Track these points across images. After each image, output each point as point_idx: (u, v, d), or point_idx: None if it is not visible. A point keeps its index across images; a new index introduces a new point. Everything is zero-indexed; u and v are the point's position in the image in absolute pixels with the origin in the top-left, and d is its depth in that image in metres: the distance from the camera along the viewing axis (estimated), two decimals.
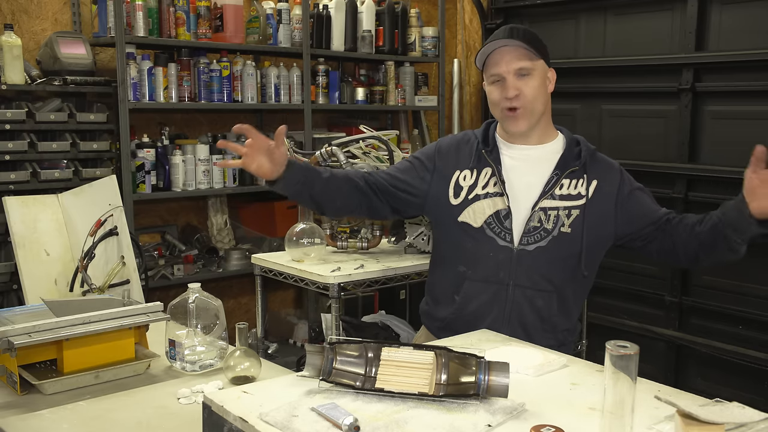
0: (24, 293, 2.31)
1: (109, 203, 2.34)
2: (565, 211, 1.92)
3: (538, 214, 1.91)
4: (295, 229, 2.73)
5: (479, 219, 1.94)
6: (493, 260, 1.93)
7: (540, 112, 1.97)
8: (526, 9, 4.48)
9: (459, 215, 1.96)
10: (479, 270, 1.94)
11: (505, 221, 1.92)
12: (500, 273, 1.92)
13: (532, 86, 1.93)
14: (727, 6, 3.57)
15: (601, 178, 1.98)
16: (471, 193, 1.96)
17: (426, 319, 2.15)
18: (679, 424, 1.13)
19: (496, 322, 1.88)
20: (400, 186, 2.05)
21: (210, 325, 1.86)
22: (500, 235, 1.92)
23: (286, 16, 4.01)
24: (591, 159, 2.00)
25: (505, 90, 1.92)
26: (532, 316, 1.93)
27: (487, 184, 1.95)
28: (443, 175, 2.01)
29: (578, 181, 1.96)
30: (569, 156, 1.99)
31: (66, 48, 3.37)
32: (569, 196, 1.94)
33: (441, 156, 2.04)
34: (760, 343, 3.48)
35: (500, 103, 1.95)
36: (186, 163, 3.72)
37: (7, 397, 1.69)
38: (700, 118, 3.69)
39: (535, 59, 1.93)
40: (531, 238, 1.91)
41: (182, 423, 1.55)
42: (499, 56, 1.92)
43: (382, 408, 1.28)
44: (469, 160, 2.00)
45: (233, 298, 4.30)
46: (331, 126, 4.68)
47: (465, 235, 1.96)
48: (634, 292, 3.99)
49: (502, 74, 1.92)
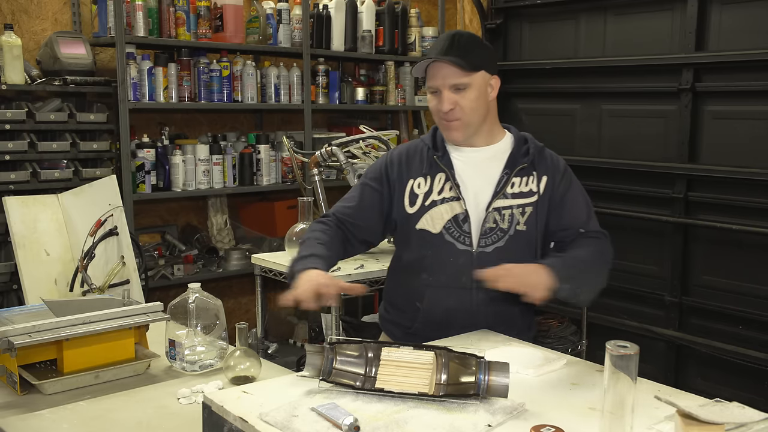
0: (24, 293, 2.31)
1: (109, 203, 2.34)
2: (519, 209, 1.92)
3: (493, 214, 1.91)
4: (295, 229, 2.73)
5: (438, 225, 1.93)
6: (454, 265, 1.92)
7: (478, 123, 1.96)
8: (526, 9, 4.48)
9: (417, 223, 1.95)
10: (441, 276, 1.93)
11: (464, 225, 1.91)
12: (462, 278, 1.91)
13: (469, 99, 1.91)
14: (727, 6, 3.56)
15: (550, 174, 1.98)
16: (427, 200, 1.95)
17: (388, 326, 2.11)
18: (679, 424, 1.13)
19: (463, 328, 1.86)
20: (373, 220, 2.02)
21: (210, 325, 1.87)
22: (459, 239, 1.91)
23: (286, 16, 4.02)
24: (539, 156, 2.00)
25: (441, 103, 1.92)
26: (498, 317, 1.92)
27: (443, 190, 1.94)
28: (397, 187, 2.00)
29: (528, 178, 1.96)
30: (517, 154, 1.98)
31: (66, 48, 3.37)
32: (521, 193, 1.94)
33: (392, 168, 2.02)
34: (760, 343, 3.48)
35: (437, 114, 1.96)
36: (186, 163, 3.72)
37: (7, 397, 1.69)
38: (700, 118, 3.68)
39: (471, 73, 1.91)
40: (489, 240, 1.91)
41: (182, 423, 1.55)
42: (436, 70, 1.92)
43: (382, 408, 1.28)
44: (421, 168, 1.99)
45: (233, 298, 4.30)
46: (331, 126, 4.68)
47: (424, 242, 1.95)
48: (634, 292, 3.99)
49: (438, 88, 1.92)
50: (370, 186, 2.04)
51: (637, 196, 3.94)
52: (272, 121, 4.44)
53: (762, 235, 3.40)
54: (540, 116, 4.43)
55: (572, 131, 4.21)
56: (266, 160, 4.01)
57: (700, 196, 3.69)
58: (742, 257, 3.52)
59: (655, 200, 3.86)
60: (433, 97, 1.95)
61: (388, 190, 2.01)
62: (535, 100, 4.50)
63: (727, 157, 3.56)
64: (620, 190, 4.01)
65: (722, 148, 3.60)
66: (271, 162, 4.04)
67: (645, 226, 3.92)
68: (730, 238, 3.56)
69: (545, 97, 4.44)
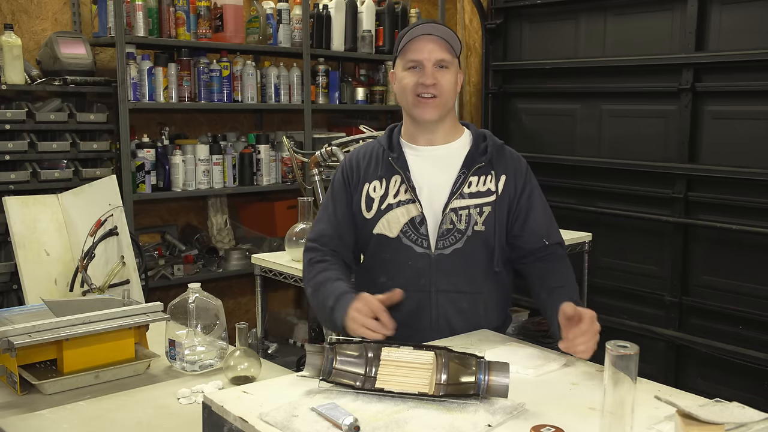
0: (24, 293, 2.31)
1: (109, 203, 2.34)
2: (476, 209, 1.89)
3: (450, 215, 1.87)
4: (295, 229, 2.73)
5: (394, 229, 1.90)
6: (412, 268, 1.89)
7: (450, 107, 1.94)
8: (526, 9, 4.48)
9: (374, 227, 1.92)
10: (399, 280, 1.89)
11: (421, 227, 1.88)
12: (421, 280, 1.88)
13: (448, 80, 1.90)
14: (727, 6, 3.56)
15: (510, 174, 1.94)
16: (383, 204, 1.92)
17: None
18: (679, 424, 1.13)
19: (425, 330, 1.85)
20: (355, 233, 2.00)
21: (210, 325, 1.87)
22: (417, 242, 1.89)
23: (286, 16, 4.02)
24: (498, 154, 1.95)
25: (423, 77, 1.87)
26: (459, 318, 1.89)
27: (398, 192, 1.91)
28: (354, 192, 1.97)
29: (486, 177, 1.92)
30: (475, 152, 1.94)
31: (66, 48, 3.37)
32: (479, 193, 1.90)
33: (351, 174, 1.99)
34: (760, 343, 3.48)
35: (415, 89, 1.89)
36: (186, 163, 3.72)
37: (7, 397, 1.69)
38: (700, 118, 3.69)
39: (453, 56, 1.91)
40: (446, 241, 1.88)
41: (182, 423, 1.55)
42: (422, 44, 1.88)
43: (382, 408, 1.28)
44: (376, 171, 1.96)
45: (233, 298, 4.30)
46: (331, 126, 4.68)
47: (382, 246, 1.92)
48: (634, 292, 3.99)
49: (422, 62, 1.88)
50: (337, 200, 2.00)
51: (637, 196, 3.94)
52: (272, 121, 4.44)
53: (762, 235, 3.40)
54: (540, 116, 4.44)
55: (572, 131, 4.21)
56: (266, 160, 4.01)
57: (700, 196, 3.69)
58: (742, 257, 3.52)
59: (655, 200, 3.86)
60: (410, 73, 1.90)
61: (353, 197, 1.97)
62: (535, 100, 4.50)
63: (727, 157, 3.57)
64: (620, 190, 4.01)
65: (722, 148, 3.60)
66: (271, 162, 4.04)
67: (645, 226, 3.93)
68: (730, 238, 3.56)
69: (545, 97, 4.44)
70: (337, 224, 1.98)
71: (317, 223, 2.04)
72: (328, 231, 1.99)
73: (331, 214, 2.00)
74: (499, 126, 4.54)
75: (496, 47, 4.69)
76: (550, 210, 2.01)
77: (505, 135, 4.36)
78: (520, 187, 1.94)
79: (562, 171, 4.17)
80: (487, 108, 4.71)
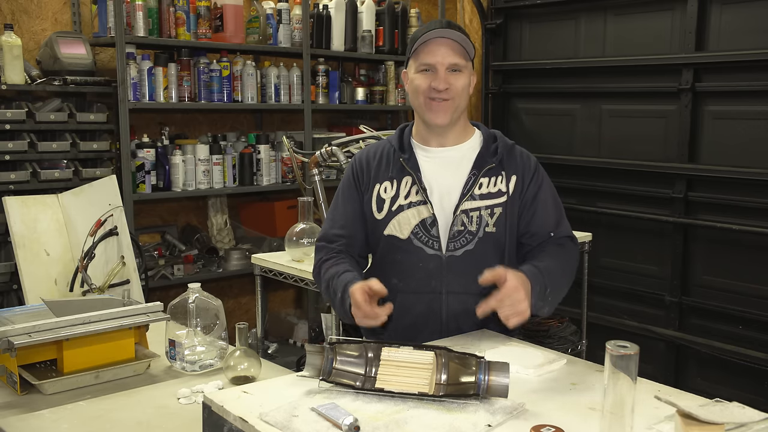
0: (24, 293, 2.31)
1: (109, 203, 2.34)
2: (487, 211, 1.88)
3: (461, 217, 1.87)
4: (295, 229, 2.73)
5: (405, 230, 1.89)
6: (424, 270, 1.89)
7: (462, 110, 1.94)
8: (526, 9, 4.48)
9: (385, 228, 1.92)
10: (411, 282, 1.90)
11: (432, 229, 1.88)
12: (432, 282, 1.88)
13: (461, 84, 1.89)
14: (727, 6, 3.57)
15: (520, 174, 1.94)
16: (394, 205, 1.91)
17: (364, 331, 2.06)
18: (679, 424, 1.13)
19: (434, 333, 1.85)
20: (365, 231, 1.99)
21: (210, 325, 1.87)
22: (428, 243, 1.88)
23: (286, 16, 4.02)
24: (508, 154, 1.95)
25: (436, 81, 1.87)
26: (469, 321, 1.88)
27: (409, 194, 1.91)
28: (365, 192, 1.97)
29: (497, 178, 1.92)
30: (486, 153, 1.94)
31: (66, 48, 3.37)
32: (489, 194, 1.90)
33: (361, 173, 1.99)
34: (760, 343, 3.48)
35: (427, 93, 1.89)
36: (186, 163, 3.72)
37: (7, 397, 1.69)
38: (700, 118, 3.69)
39: (467, 60, 1.91)
40: (458, 243, 1.87)
41: (182, 423, 1.55)
42: (435, 47, 1.87)
43: (382, 408, 1.28)
44: (387, 171, 1.95)
45: (233, 298, 4.30)
46: (331, 126, 4.68)
47: (393, 247, 1.92)
48: (634, 292, 3.99)
49: (435, 65, 1.87)
50: (347, 199, 2.00)
51: (637, 196, 3.95)
52: (272, 121, 4.44)
53: (762, 235, 3.40)
54: (540, 116, 4.44)
55: (572, 131, 4.22)
56: (266, 160, 4.01)
57: (700, 196, 3.69)
58: (742, 257, 3.52)
59: (655, 200, 3.86)
60: (422, 76, 1.89)
61: (363, 196, 1.97)
62: (535, 100, 4.50)
63: (727, 157, 3.57)
64: (620, 190, 4.01)
65: (722, 148, 3.60)
66: (271, 162, 4.04)
67: (645, 226, 3.93)
68: (730, 238, 3.56)
69: (545, 97, 4.44)
70: (347, 223, 1.98)
71: (326, 223, 2.04)
72: (337, 230, 1.98)
73: (341, 214, 2.00)
74: (499, 126, 4.54)
75: (496, 47, 4.69)
76: (562, 206, 1.99)
77: (506, 135, 4.35)
78: (528, 184, 1.93)
79: (562, 171, 4.17)
80: (487, 108, 4.72)
